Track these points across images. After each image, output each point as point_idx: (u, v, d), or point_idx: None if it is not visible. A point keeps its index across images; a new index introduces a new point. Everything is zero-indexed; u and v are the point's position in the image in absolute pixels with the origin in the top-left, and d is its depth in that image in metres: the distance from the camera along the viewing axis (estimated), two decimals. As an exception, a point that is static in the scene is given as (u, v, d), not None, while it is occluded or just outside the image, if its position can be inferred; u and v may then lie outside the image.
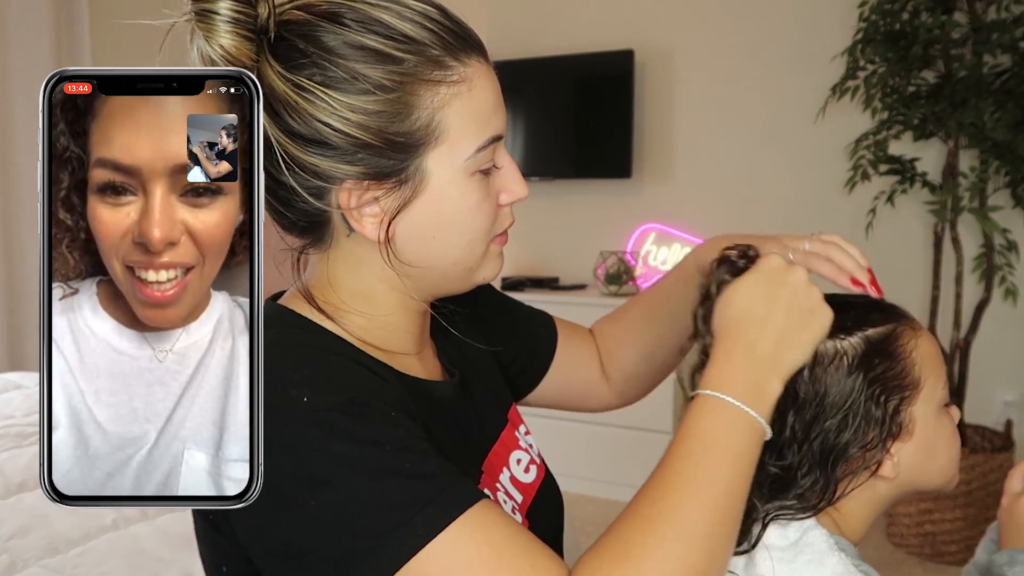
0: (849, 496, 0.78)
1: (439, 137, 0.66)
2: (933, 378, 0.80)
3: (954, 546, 2.64)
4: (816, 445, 0.76)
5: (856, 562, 0.75)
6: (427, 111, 0.65)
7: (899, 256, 3.09)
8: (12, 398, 2.51)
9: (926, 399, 0.79)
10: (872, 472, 0.78)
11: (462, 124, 0.67)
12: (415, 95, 0.65)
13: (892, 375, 0.78)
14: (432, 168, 0.67)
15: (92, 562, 1.59)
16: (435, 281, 0.72)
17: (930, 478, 0.82)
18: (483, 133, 0.68)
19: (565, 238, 3.74)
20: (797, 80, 3.21)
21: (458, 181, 0.68)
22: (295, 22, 0.65)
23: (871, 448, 0.77)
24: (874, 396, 0.77)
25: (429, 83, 0.65)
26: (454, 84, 0.66)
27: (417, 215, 0.68)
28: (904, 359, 0.78)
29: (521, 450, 0.83)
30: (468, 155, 0.67)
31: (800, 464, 0.76)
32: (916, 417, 0.79)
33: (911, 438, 0.79)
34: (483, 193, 0.69)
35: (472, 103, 0.67)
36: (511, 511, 0.74)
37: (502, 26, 3.82)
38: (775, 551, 0.75)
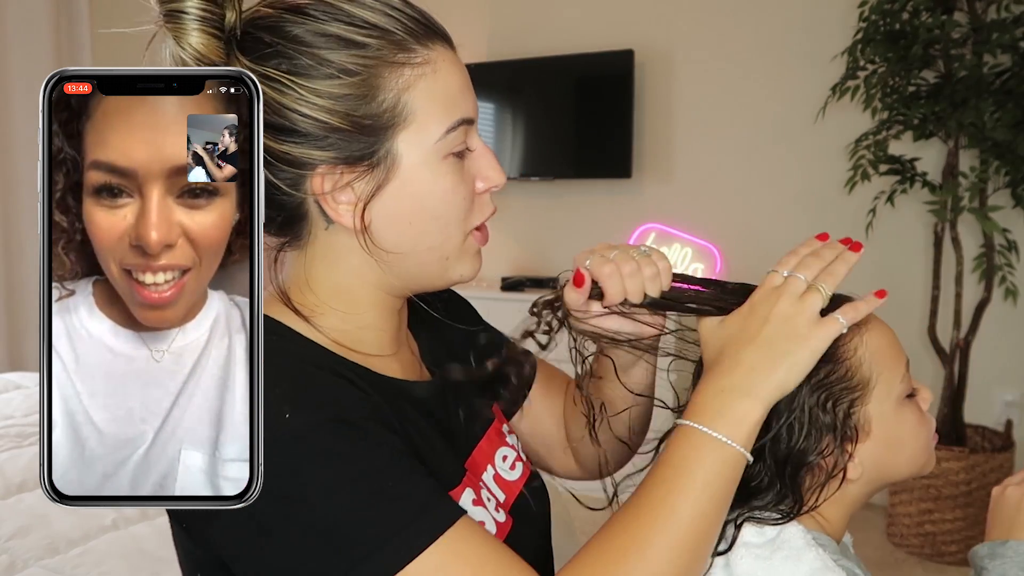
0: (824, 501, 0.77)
1: (407, 119, 0.67)
2: (888, 373, 0.77)
3: (954, 546, 2.64)
4: (769, 456, 0.75)
5: (835, 557, 0.74)
6: (392, 92, 0.66)
7: (899, 256, 3.09)
8: (12, 398, 2.51)
9: (881, 396, 0.77)
10: (841, 480, 0.76)
11: (429, 105, 0.67)
12: (380, 77, 0.66)
13: (836, 379, 0.75)
14: (403, 150, 0.67)
15: (92, 562, 1.59)
16: (412, 271, 0.72)
17: (898, 470, 0.80)
18: (451, 115, 0.68)
19: (565, 238, 3.74)
20: (797, 80, 3.21)
21: (430, 163, 0.68)
22: (261, 18, 0.66)
23: (828, 454, 0.75)
24: (819, 403, 0.75)
25: (393, 65, 0.66)
26: (418, 66, 0.67)
27: (391, 200, 0.68)
28: (847, 360, 0.76)
29: (508, 447, 0.83)
30: (438, 136, 0.68)
31: (757, 476, 0.75)
32: (872, 416, 0.76)
33: (869, 437, 0.77)
34: (457, 176, 0.70)
35: (438, 85, 0.68)
36: (494, 508, 0.74)
37: (502, 26, 3.82)
38: (752, 548, 0.75)
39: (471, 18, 3.90)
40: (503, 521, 0.73)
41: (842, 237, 0.77)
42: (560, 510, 1.86)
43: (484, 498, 0.74)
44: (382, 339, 0.75)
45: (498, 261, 3.85)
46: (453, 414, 0.79)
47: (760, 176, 3.35)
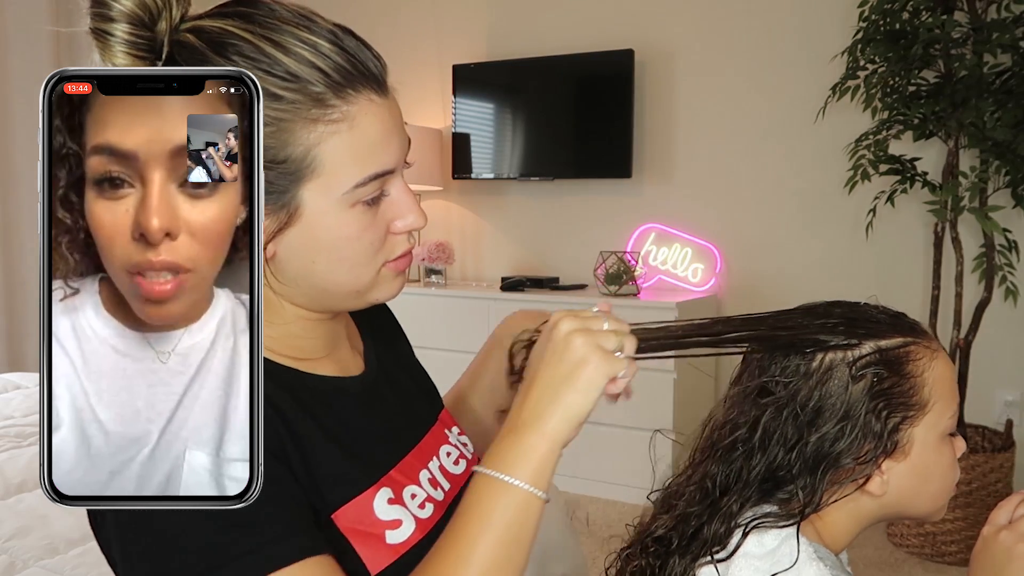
0: (833, 505, 0.77)
1: (315, 171, 0.67)
2: (942, 404, 0.78)
3: (954, 546, 2.64)
4: (810, 450, 0.75)
5: (835, 572, 0.74)
6: (302, 147, 0.66)
7: (899, 256, 3.09)
8: (12, 398, 2.51)
9: (930, 424, 0.77)
10: (859, 485, 0.77)
11: (339, 160, 0.67)
12: (291, 132, 0.65)
13: (898, 392, 0.76)
14: (307, 199, 0.67)
15: (92, 562, 1.59)
16: (325, 299, 0.73)
17: (918, 503, 0.80)
18: (364, 169, 0.68)
19: (565, 238, 3.74)
20: (797, 80, 3.22)
21: (335, 212, 0.68)
22: (186, 45, 0.65)
23: (864, 461, 0.76)
24: (875, 410, 0.75)
25: (307, 120, 0.65)
26: (333, 122, 0.66)
27: (296, 239, 0.68)
28: (914, 378, 0.76)
29: (451, 445, 0.85)
30: (346, 189, 0.68)
31: (791, 465, 0.75)
32: (916, 439, 0.77)
33: (906, 459, 0.77)
34: (365, 223, 0.70)
35: (352, 140, 0.67)
36: (419, 505, 0.75)
37: (502, 26, 3.82)
38: (752, 560, 0.74)
39: (471, 18, 3.90)
40: (427, 517, 0.74)
41: (842, 237, 0.77)
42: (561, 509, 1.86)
43: (407, 495, 0.75)
44: (313, 345, 0.76)
45: (498, 261, 3.86)
46: (394, 408, 0.81)
47: (760, 176, 3.35)
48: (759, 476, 0.77)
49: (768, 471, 0.77)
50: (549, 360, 0.69)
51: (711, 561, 0.76)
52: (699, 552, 0.78)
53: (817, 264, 3.21)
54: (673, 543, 0.80)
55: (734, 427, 0.80)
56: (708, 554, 0.77)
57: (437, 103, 3.99)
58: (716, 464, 0.81)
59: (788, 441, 0.76)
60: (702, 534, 0.78)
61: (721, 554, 0.75)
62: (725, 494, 0.78)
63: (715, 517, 0.78)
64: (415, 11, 4.02)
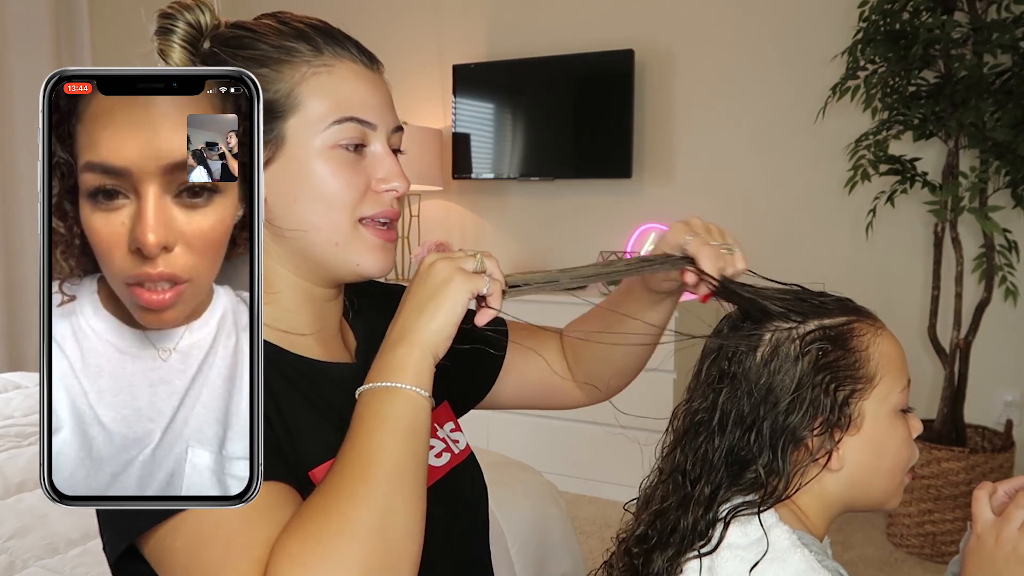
0: (802, 490, 0.79)
1: (295, 107, 0.74)
2: (890, 377, 0.80)
3: (954, 546, 2.64)
4: (767, 426, 0.78)
5: (820, 558, 0.75)
6: (287, 84, 0.75)
7: (899, 256, 3.09)
8: (12, 398, 2.50)
9: (880, 397, 0.80)
10: (822, 466, 0.79)
11: (318, 99, 0.75)
12: (279, 71, 0.75)
13: (844, 364, 0.79)
14: (289, 135, 0.75)
15: (92, 562, 1.59)
16: (309, 253, 0.77)
17: (877, 482, 0.81)
18: (340, 111, 0.75)
19: (565, 238, 3.74)
20: (797, 80, 3.21)
21: (315, 148, 0.75)
22: (219, 36, 0.77)
23: (819, 434, 0.78)
24: (823, 383, 0.78)
25: (294, 63, 0.75)
26: (317, 66, 0.75)
27: (278, 175, 0.75)
28: (859, 352, 0.79)
29: (437, 439, 0.87)
30: (323, 127, 0.75)
31: (750, 444, 0.78)
32: (867, 413, 0.79)
33: (859, 432, 0.79)
34: (345, 166, 0.76)
35: (333, 83, 0.75)
36: None
37: (502, 26, 3.82)
38: (737, 551, 0.75)
39: (471, 18, 3.90)
40: None
41: (842, 237, 0.79)
42: (561, 509, 1.86)
43: None
44: (300, 320, 0.80)
45: (498, 261, 3.85)
46: None
47: (760, 176, 3.35)
48: (723, 458, 0.79)
49: (731, 452, 0.79)
50: (416, 285, 0.73)
51: (697, 555, 0.76)
52: (680, 545, 0.79)
53: (817, 264, 3.21)
54: (653, 539, 0.82)
55: (695, 413, 0.84)
56: (692, 547, 0.78)
57: (437, 103, 3.99)
58: (683, 454, 0.83)
59: (745, 420, 0.79)
60: (681, 526, 0.79)
61: (706, 547, 0.76)
62: (697, 482, 0.80)
63: (690, 505, 0.80)
64: (415, 11, 4.02)
